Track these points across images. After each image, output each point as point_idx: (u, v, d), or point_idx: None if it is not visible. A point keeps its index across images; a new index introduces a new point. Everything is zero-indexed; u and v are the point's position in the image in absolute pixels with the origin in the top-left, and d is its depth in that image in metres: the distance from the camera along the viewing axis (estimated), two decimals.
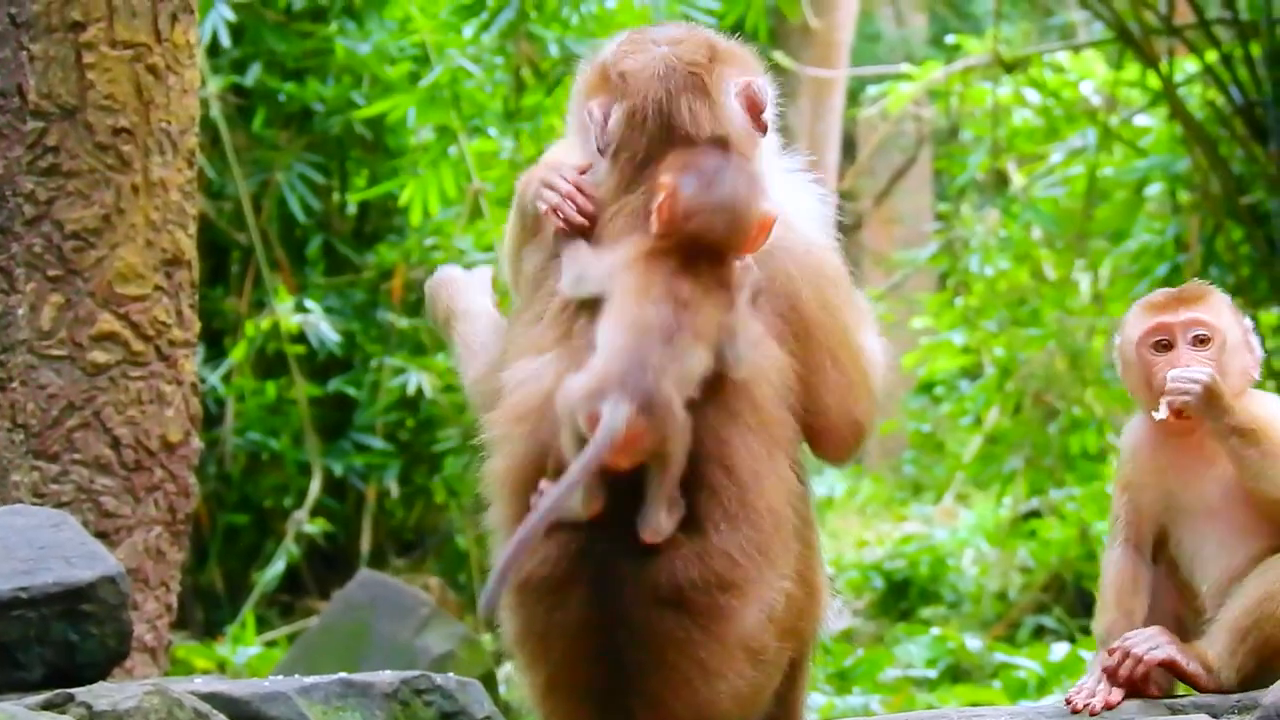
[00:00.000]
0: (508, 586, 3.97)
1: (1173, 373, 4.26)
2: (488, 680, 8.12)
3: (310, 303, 11.51)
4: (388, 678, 4.10)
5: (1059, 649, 10.13)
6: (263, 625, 11.14)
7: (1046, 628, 11.96)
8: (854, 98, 18.32)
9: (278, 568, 11.08)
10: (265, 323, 11.42)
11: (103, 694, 3.63)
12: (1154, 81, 11.75)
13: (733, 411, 3.91)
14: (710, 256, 3.95)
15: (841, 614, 12.58)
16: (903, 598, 13.06)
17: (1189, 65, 11.85)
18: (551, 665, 3.97)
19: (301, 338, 11.43)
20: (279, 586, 11.39)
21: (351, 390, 11.85)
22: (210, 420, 10.85)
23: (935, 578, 13.06)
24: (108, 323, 6.48)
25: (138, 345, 6.51)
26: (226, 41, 11.01)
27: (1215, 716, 4.10)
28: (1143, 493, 4.39)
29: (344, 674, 4.12)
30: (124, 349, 6.50)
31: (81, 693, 3.65)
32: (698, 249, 3.94)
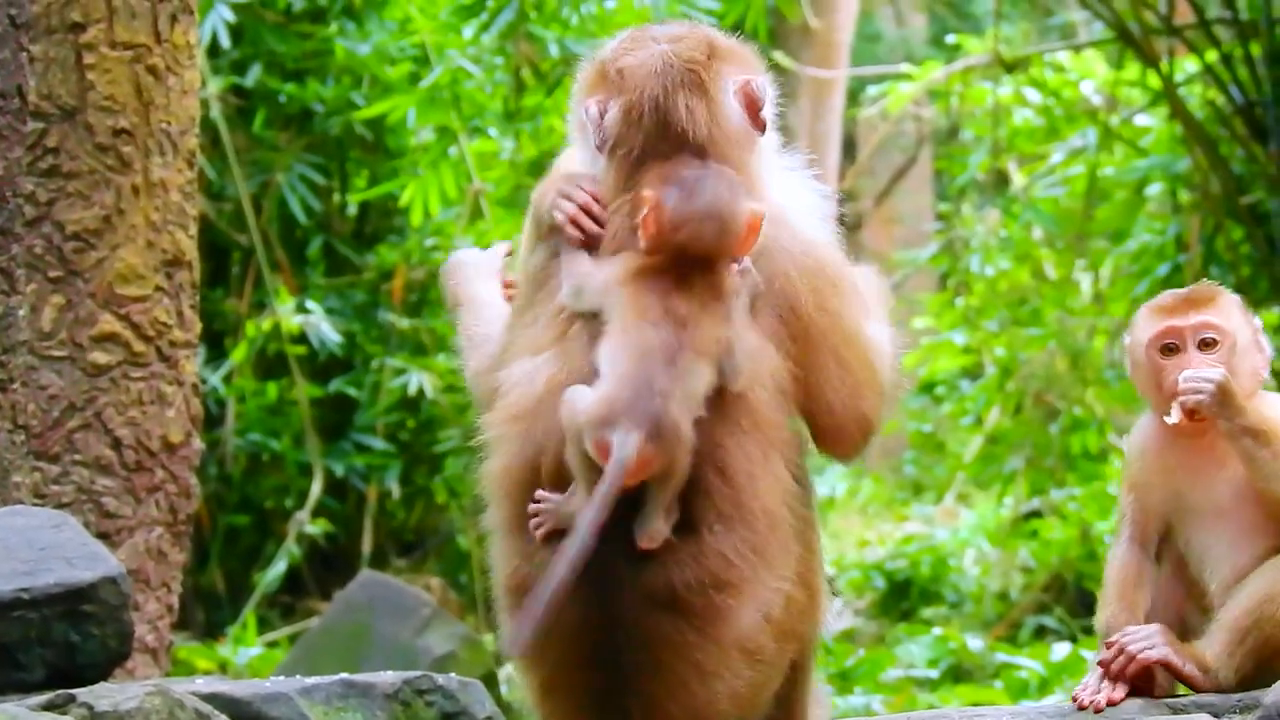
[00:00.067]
0: (507, 590, 3.99)
1: (1185, 373, 4.26)
2: (489, 681, 8.12)
3: (311, 303, 11.51)
4: (389, 678, 4.10)
5: (1060, 649, 10.11)
6: (264, 626, 11.14)
7: (1048, 628, 11.94)
8: (854, 98, 18.31)
9: (279, 568, 11.08)
10: (266, 323, 11.41)
11: (104, 695, 3.62)
12: (1154, 81, 11.75)
13: (726, 415, 3.90)
14: (702, 267, 3.94)
15: (842, 614, 12.59)
16: (904, 598, 13.05)
17: (1189, 65, 11.85)
18: (548, 667, 3.97)
19: (302, 338, 11.43)
20: (280, 587, 11.39)
21: (352, 391, 11.85)
22: (211, 421, 10.85)
23: (936, 578, 13.04)
24: (108, 324, 6.48)
25: (139, 346, 6.51)
26: (226, 42, 11.00)
27: (1217, 716, 4.09)
28: (1150, 492, 4.39)
29: (345, 674, 4.12)
30: (125, 350, 6.50)
31: (83, 693, 3.64)
32: (689, 261, 3.93)
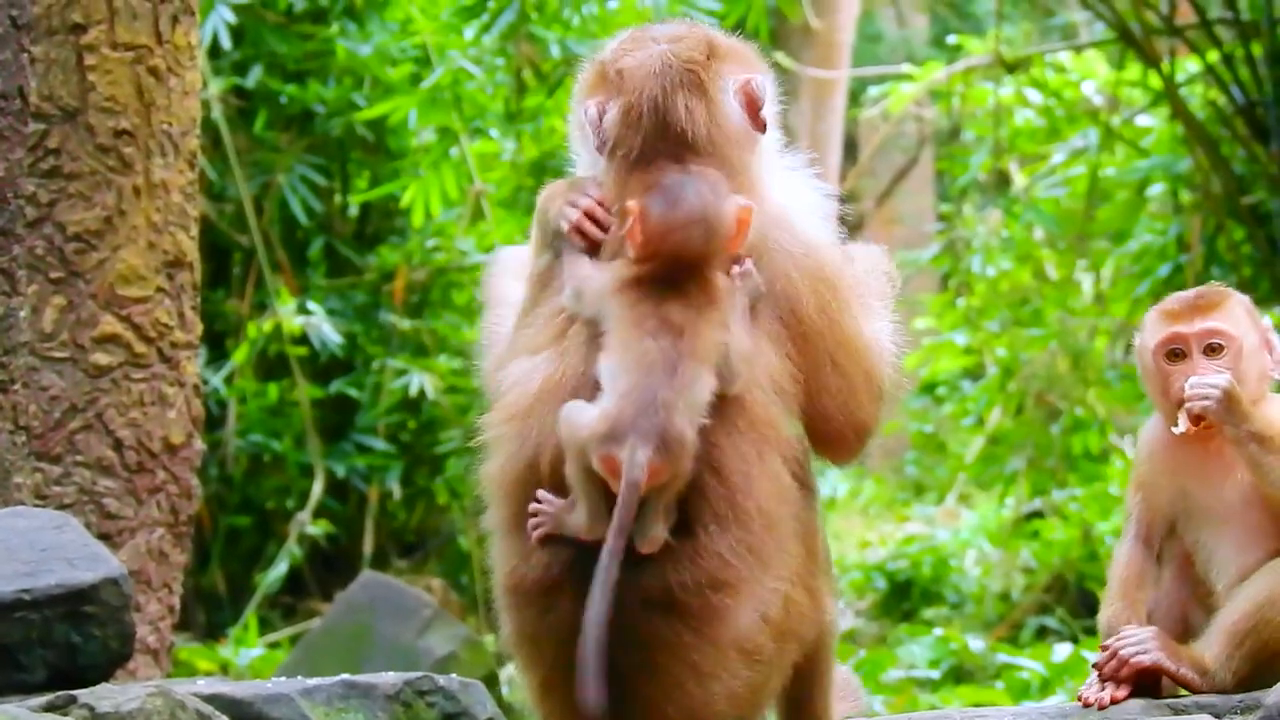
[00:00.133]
0: (505, 590, 3.99)
1: (1191, 380, 4.26)
2: (490, 681, 8.12)
3: (312, 304, 11.51)
4: (390, 679, 4.10)
5: (1062, 650, 10.11)
6: (265, 627, 11.14)
7: (1049, 628, 11.94)
8: (855, 98, 18.31)
9: (280, 569, 11.08)
10: (267, 324, 11.42)
11: (105, 696, 3.62)
12: (1155, 81, 11.75)
13: (722, 415, 3.89)
14: (695, 273, 3.93)
15: (844, 615, 12.59)
16: (905, 598, 13.05)
17: (1190, 65, 11.85)
18: (545, 668, 3.97)
19: (303, 339, 11.44)
20: (281, 588, 11.39)
21: (353, 392, 11.85)
22: (212, 422, 10.85)
23: (938, 578, 13.04)
24: (110, 325, 6.48)
25: (140, 347, 6.51)
26: (227, 43, 11.01)
27: (1218, 716, 4.09)
28: (1158, 492, 4.40)
29: (346, 675, 4.12)
30: (126, 351, 6.50)
31: (84, 694, 3.64)
32: (681, 266, 3.92)
